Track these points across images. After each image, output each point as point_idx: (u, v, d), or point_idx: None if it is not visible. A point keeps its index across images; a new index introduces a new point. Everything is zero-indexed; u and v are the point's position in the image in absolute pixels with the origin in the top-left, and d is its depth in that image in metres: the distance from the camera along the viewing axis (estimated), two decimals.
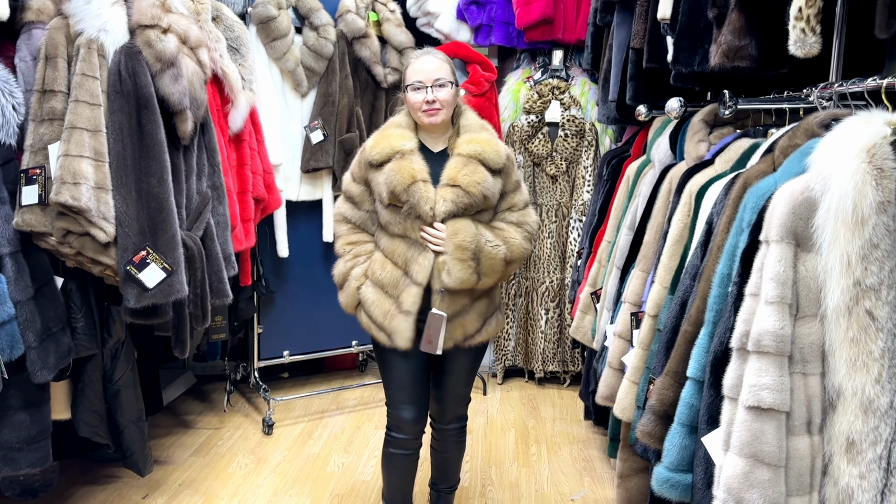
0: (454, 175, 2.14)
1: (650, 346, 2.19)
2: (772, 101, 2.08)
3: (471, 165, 2.15)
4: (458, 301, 2.20)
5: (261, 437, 3.55)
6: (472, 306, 2.24)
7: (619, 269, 2.76)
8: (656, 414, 1.82)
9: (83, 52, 2.19)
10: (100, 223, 2.19)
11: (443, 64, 2.21)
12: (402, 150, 2.16)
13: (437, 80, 2.16)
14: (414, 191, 2.12)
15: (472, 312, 2.24)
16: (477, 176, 2.13)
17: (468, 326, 2.24)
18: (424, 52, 2.25)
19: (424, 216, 2.13)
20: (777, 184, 1.62)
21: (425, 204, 2.12)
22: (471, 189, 2.12)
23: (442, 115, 2.18)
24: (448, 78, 2.19)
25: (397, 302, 2.19)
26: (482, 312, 2.28)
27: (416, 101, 2.17)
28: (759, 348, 1.47)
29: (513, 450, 3.45)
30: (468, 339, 2.27)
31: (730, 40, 2.05)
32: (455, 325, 2.21)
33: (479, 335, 2.29)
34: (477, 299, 2.25)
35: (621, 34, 3.16)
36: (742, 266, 1.60)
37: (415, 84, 2.17)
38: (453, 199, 2.12)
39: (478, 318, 2.26)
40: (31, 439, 2.31)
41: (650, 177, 2.70)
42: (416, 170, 2.13)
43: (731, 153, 2.11)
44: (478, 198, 2.14)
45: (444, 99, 2.17)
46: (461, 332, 2.24)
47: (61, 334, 2.33)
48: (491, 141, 2.22)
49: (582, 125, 4.09)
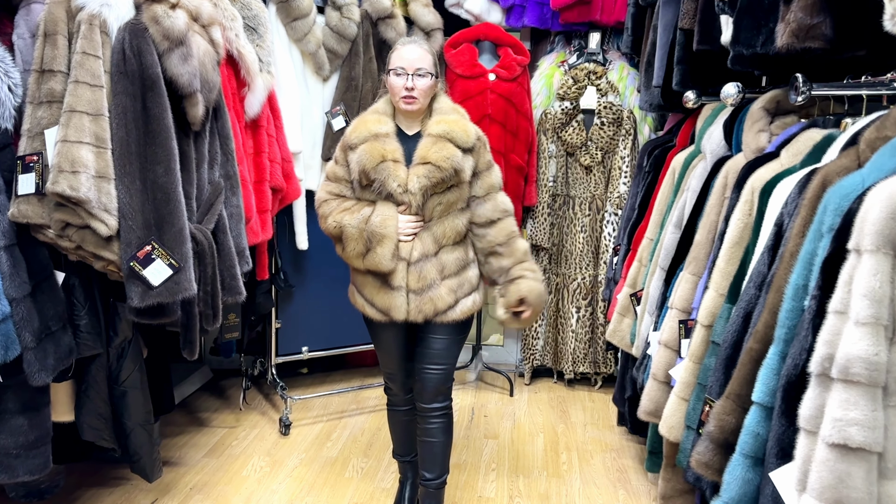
0: (425, 153, 2.25)
1: (703, 360, 1.98)
2: (848, 87, 1.85)
3: (440, 143, 2.26)
4: (427, 275, 2.30)
5: (277, 437, 3.39)
6: (442, 282, 2.33)
7: (663, 271, 2.54)
8: (715, 442, 1.61)
9: (84, 28, 2.01)
10: (101, 215, 2.02)
11: (425, 55, 2.32)
12: (378, 132, 2.30)
13: (417, 69, 2.28)
14: (382, 168, 2.25)
15: (441, 287, 2.32)
16: (446, 151, 2.24)
17: (438, 302, 2.32)
18: (410, 41, 2.36)
19: (394, 193, 2.25)
20: (865, 182, 1.40)
21: (393, 181, 2.24)
22: (441, 164, 2.23)
23: (418, 104, 2.30)
24: (428, 69, 2.30)
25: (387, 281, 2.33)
26: (453, 290, 2.35)
27: (396, 85, 2.29)
28: (847, 376, 1.26)
29: (542, 457, 3.26)
30: (439, 314, 2.34)
31: (800, 18, 1.82)
32: (425, 300, 2.31)
33: (451, 312, 2.35)
34: (447, 276, 2.34)
35: (668, 14, 2.92)
36: (823, 277, 1.39)
37: (397, 69, 2.29)
38: (426, 174, 2.23)
39: (448, 294, 2.33)
40: (30, 445, 2.16)
41: (700, 169, 2.47)
42: (386, 150, 2.26)
43: (800, 145, 1.88)
44: (448, 172, 2.24)
45: (421, 88, 2.29)
46: (431, 308, 2.32)
47: (61, 333, 2.17)
48: (459, 121, 2.33)
49: (619, 112, 3.85)
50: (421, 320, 2.35)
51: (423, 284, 2.31)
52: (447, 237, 2.33)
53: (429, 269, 2.31)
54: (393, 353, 2.52)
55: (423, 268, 2.30)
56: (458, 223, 2.34)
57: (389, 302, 2.33)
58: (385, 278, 2.32)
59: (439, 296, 2.32)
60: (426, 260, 2.31)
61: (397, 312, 2.33)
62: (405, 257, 2.30)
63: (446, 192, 2.28)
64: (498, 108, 3.72)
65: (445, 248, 2.34)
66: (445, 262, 2.34)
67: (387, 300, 2.34)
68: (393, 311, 2.33)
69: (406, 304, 2.32)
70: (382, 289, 2.34)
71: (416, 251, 2.30)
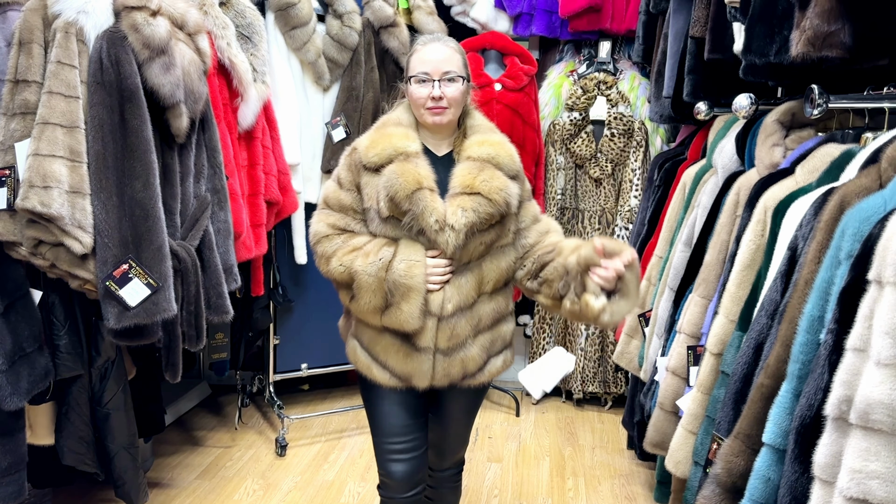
0: (470, 182, 1.81)
1: (712, 391, 1.84)
2: (868, 100, 1.72)
3: (488, 171, 1.84)
4: (461, 332, 1.87)
5: (273, 458, 3.28)
6: (476, 340, 1.91)
7: (672, 291, 2.41)
8: (722, 486, 1.48)
9: (60, 36, 1.93)
10: (75, 232, 1.92)
11: (453, 54, 1.89)
12: (407, 151, 1.84)
13: (446, 73, 1.85)
14: (419, 199, 1.78)
15: (474, 346, 1.91)
16: (497, 181, 1.83)
17: (469, 364, 1.91)
18: (433, 39, 1.91)
19: (428, 230, 1.79)
20: (887, 205, 1.28)
21: (430, 216, 1.78)
22: (493, 196, 1.80)
23: (449, 114, 1.87)
24: (458, 72, 1.87)
25: (410, 340, 1.87)
26: (485, 347, 1.94)
27: (420, 95, 1.86)
28: (867, 423, 1.13)
29: (547, 483, 3.12)
30: (468, 377, 1.94)
31: (817, 25, 1.69)
32: (454, 361, 1.89)
33: (480, 374, 1.96)
34: (481, 331, 1.92)
35: (678, 22, 2.80)
36: (840, 309, 1.26)
37: (419, 76, 1.86)
38: (474, 207, 1.78)
39: (481, 354, 1.93)
40: (3, 472, 2.07)
41: (712, 185, 2.34)
42: (421, 175, 1.81)
43: (816, 162, 1.75)
44: (502, 206, 1.82)
45: (452, 96, 1.86)
46: (460, 370, 1.91)
47: (37, 355, 2.08)
48: (504, 144, 1.94)
49: (630, 124, 3.72)
50: (446, 385, 1.93)
51: (455, 343, 1.88)
52: (489, 282, 1.89)
53: (463, 324, 1.87)
54: (400, 426, 2.00)
55: (458, 324, 1.86)
56: (504, 264, 1.90)
57: (412, 367, 1.88)
58: (408, 337, 1.87)
59: (471, 356, 1.91)
60: (461, 314, 1.86)
61: (421, 379, 1.89)
62: (436, 312, 1.84)
63: (490, 229, 1.85)
64: (504, 119, 3.61)
65: (484, 297, 1.91)
66: (482, 314, 1.91)
67: (409, 365, 1.89)
68: (416, 377, 1.89)
69: (432, 369, 1.89)
70: (402, 349, 1.88)
71: (451, 303, 1.84)
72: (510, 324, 2.02)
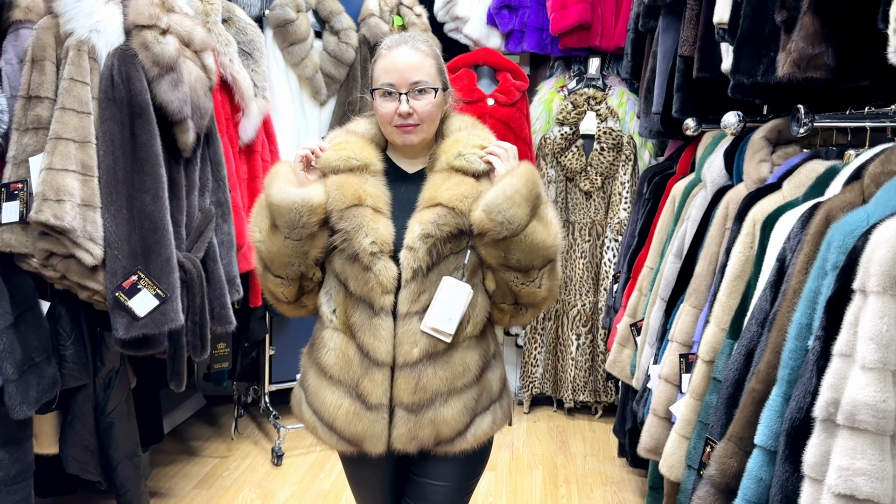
0: (432, 194, 1.55)
1: (704, 397, 1.91)
2: (851, 119, 1.80)
3: (454, 177, 1.55)
4: (429, 385, 1.54)
5: (269, 467, 3.32)
6: (455, 396, 1.56)
7: (663, 301, 2.48)
8: (716, 486, 1.54)
9: (72, 54, 1.98)
10: (86, 245, 1.97)
11: (424, 59, 1.56)
12: (359, 165, 1.58)
13: (415, 83, 1.54)
14: (353, 215, 1.52)
15: (452, 405, 1.56)
16: (462, 188, 1.54)
17: (442, 428, 1.56)
18: (399, 41, 1.58)
19: (362, 253, 1.50)
20: (870, 219, 1.35)
21: (365, 236, 1.50)
22: (456, 204, 1.52)
23: (422, 132, 1.58)
24: (430, 82, 1.55)
25: (358, 394, 1.56)
26: (469, 407, 1.58)
27: (385, 111, 1.55)
28: (854, 423, 1.20)
29: (540, 490, 3.18)
30: (443, 444, 1.58)
31: (802, 47, 1.78)
32: (422, 422, 1.54)
33: (461, 440, 1.59)
34: (464, 387, 1.58)
35: (667, 41, 2.89)
36: (827, 317, 1.33)
37: (383, 87, 1.55)
38: (433, 220, 1.51)
39: (462, 414, 1.57)
40: (10, 480, 2.10)
41: (701, 199, 2.42)
42: (366, 192, 1.55)
43: (802, 177, 1.83)
44: (467, 216, 1.52)
45: (424, 111, 1.55)
46: (430, 433, 1.56)
47: (45, 365, 2.12)
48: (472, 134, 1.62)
49: (619, 138, 3.81)
50: (414, 451, 1.58)
51: (423, 398, 1.54)
52: (470, 318, 1.57)
53: (433, 375, 1.54)
54: (377, 498, 1.73)
55: (425, 374, 1.53)
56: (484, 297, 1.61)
57: (361, 428, 1.55)
58: (356, 392, 1.55)
59: (445, 418, 1.55)
60: (431, 361, 1.54)
61: (373, 443, 1.56)
62: (385, 361, 1.53)
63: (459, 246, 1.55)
64: (496, 133, 3.60)
65: (467, 340, 1.58)
66: (466, 362, 1.58)
67: (357, 425, 1.56)
68: (367, 441, 1.56)
69: (387, 431, 1.56)
70: (351, 407, 1.56)
71: (418, 347, 1.53)
72: (497, 371, 1.68)
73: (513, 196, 1.47)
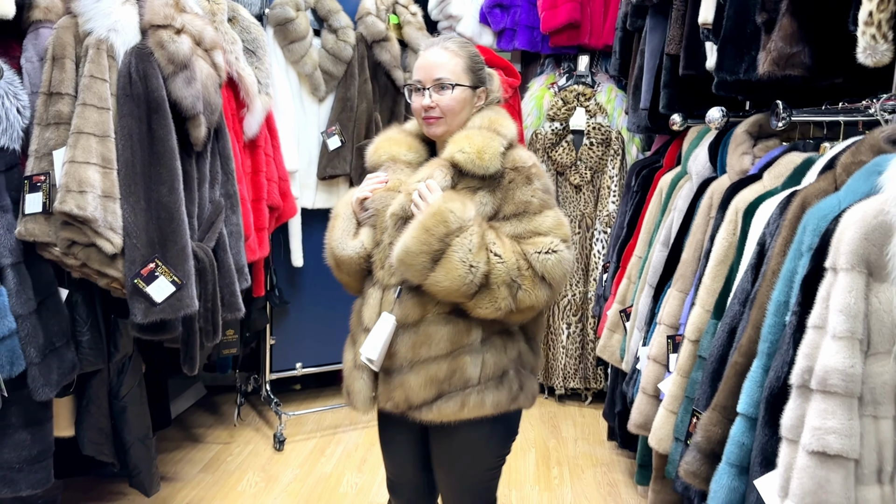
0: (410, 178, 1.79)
1: (690, 374, 2.05)
2: (826, 114, 1.94)
3: (439, 171, 1.72)
4: (397, 351, 1.71)
5: (272, 453, 3.42)
6: (419, 366, 1.69)
7: (652, 287, 2.62)
8: (702, 452, 1.67)
9: (92, 52, 2.08)
10: (106, 234, 2.07)
11: (451, 58, 1.73)
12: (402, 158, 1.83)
13: (437, 80, 1.71)
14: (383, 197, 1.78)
15: (415, 374, 1.70)
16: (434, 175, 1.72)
17: (410, 394, 1.71)
18: (433, 43, 1.77)
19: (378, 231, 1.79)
20: (841, 204, 1.48)
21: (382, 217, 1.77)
22: None
23: (443, 124, 1.74)
24: (453, 78, 1.71)
25: (354, 353, 1.82)
26: (433, 380, 1.69)
27: (415, 105, 1.77)
28: (825, 387, 1.33)
29: (533, 472, 3.31)
30: (413, 409, 1.72)
31: (780, 47, 1.91)
32: (394, 384, 1.73)
33: (427, 411, 1.71)
34: (429, 359, 1.69)
35: (654, 39, 3.02)
36: (803, 294, 1.46)
37: (414, 84, 1.76)
38: (402, 202, 1.72)
39: (426, 386, 1.69)
40: (32, 459, 2.20)
41: (687, 190, 2.55)
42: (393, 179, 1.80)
43: (781, 168, 1.97)
44: None
45: (445, 105, 1.72)
46: (401, 396, 1.72)
47: (65, 349, 2.22)
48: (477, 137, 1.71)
49: (608, 133, 3.94)
50: (394, 411, 1.76)
51: (393, 363, 1.72)
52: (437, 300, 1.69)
53: (401, 343, 1.70)
54: (389, 454, 1.96)
55: (395, 341, 1.71)
56: None
57: (349, 383, 1.82)
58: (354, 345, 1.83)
59: (410, 385, 1.70)
60: (402, 330, 1.71)
61: (358, 400, 1.79)
62: (368, 327, 1.74)
63: None
64: None
65: (435, 316, 1.70)
66: (431, 336, 1.69)
67: (347, 381, 1.83)
68: (353, 396, 1.80)
69: (368, 389, 1.78)
70: (349, 358, 1.86)
71: (397, 310, 1.71)
72: (476, 365, 1.70)
73: (403, 258, 1.64)
